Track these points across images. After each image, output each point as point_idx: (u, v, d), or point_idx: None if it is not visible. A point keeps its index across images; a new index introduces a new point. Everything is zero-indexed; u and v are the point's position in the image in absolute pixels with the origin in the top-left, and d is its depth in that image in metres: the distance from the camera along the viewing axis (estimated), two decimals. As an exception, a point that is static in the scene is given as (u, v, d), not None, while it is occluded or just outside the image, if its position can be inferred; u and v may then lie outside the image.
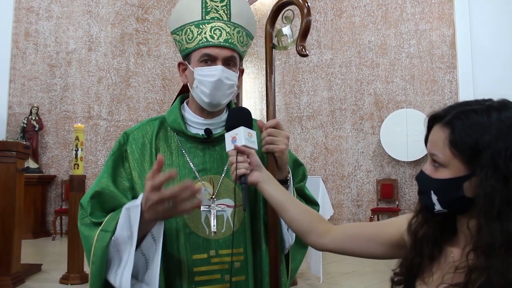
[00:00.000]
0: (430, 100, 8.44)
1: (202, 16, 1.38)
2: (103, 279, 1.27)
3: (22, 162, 5.25)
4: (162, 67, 9.90)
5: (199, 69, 1.37)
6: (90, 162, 9.09)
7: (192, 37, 1.39)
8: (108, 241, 1.25)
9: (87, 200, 1.37)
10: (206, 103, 1.39)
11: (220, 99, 1.39)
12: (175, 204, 1.15)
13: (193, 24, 1.39)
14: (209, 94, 1.37)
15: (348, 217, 8.94)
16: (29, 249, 6.93)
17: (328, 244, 1.18)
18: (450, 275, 0.94)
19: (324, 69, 9.42)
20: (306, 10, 1.38)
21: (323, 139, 9.33)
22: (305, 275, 5.48)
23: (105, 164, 1.42)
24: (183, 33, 1.41)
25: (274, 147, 1.34)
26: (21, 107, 8.95)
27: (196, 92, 1.39)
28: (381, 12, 8.97)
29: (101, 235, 1.28)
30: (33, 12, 9.14)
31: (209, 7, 1.38)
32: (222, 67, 1.36)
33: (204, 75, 1.36)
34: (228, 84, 1.37)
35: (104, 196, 1.36)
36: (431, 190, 0.97)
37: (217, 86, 1.36)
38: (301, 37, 1.39)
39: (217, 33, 1.37)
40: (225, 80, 1.36)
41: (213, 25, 1.38)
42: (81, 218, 1.37)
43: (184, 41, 1.41)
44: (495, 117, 0.90)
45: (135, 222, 1.20)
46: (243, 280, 1.36)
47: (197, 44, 1.38)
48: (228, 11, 1.40)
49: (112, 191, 1.36)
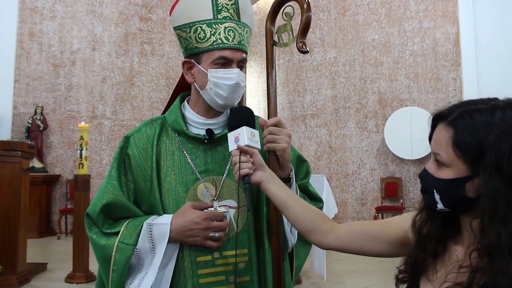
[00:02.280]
0: (434, 98, 8.41)
1: (214, 14, 1.35)
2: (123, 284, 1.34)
3: (27, 162, 5.27)
4: (166, 66, 9.91)
5: (214, 71, 1.35)
6: (95, 162, 9.12)
7: (204, 36, 1.35)
8: (131, 254, 1.31)
9: (97, 213, 1.37)
10: (220, 105, 1.38)
11: (234, 101, 1.39)
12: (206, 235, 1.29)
13: (205, 23, 1.35)
14: (225, 97, 1.35)
15: (352, 216, 8.93)
16: (35, 248, 6.96)
17: (332, 242, 1.18)
18: (454, 274, 0.94)
19: (327, 68, 9.40)
20: (306, 5, 1.37)
21: (327, 138, 9.32)
22: (309, 274, 5.48)
23: (110, 171, 1.41)
24: (191, 31, 1.37)
25: (276, 146, 1.33)
26: (26, 107, 8.99)
27: (209, 94, 1.37)
28: (384, 10, 8.95)
29: (122, 247, 1.32)
30: (37, 12, 9.17)
31: (220, 5, 1.36)
32: (239, 70, 1.35)
33: (220, 77, 1.34)
34: (242, 87, 1.37)
35: (114, 208, 1.38)
36: (433, 189, 0.97)
37: (234, 89, 1.35)
38: (301, 33, 1.38)
39: (231, 34, 1.35)
40: (241, 83, 1.36)
41: (227, 25, 1.35)
42: (89, 227, 1.39)
43: (194, 40, 1.37)
44: (498, 117, 0.89)
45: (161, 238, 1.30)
46: (248, 280, 1.36)
47: (211, 45, 1.34)
48: (237, 10, 1.37)
49: (122, 201, 1.37)
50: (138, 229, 1.31)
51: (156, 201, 1.36)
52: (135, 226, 1.33)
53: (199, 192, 1.38)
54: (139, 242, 1.30)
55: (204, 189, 1.38)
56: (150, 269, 1.29)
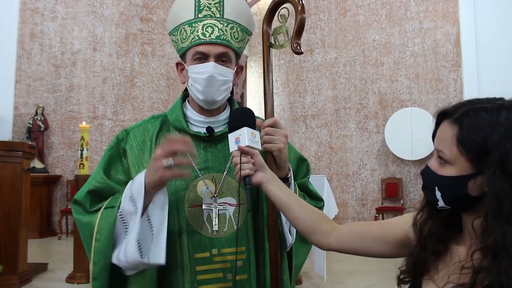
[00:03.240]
0: (434, 98, 8.41)
1: (195, 14, 1.39)
2: (109, 257, 1.28)
3: (28, 162, 5.28)
4: (166, 66, 9.92)
5: (192, 67, 1.38)
6: (95, 162, 9.10)
7: (185, 36, 1.39)
8: (115, 216, 1.27)
9: (83, 195, 1.38)
10: (201, 101, 1.40)
11: (214, 95, 1.38)
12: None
13: (187, 24, 1.39)
14: (202, 91, 1.37)
15: (353, 216, 8.93)
16: (35, 249, 6.97)
17: (333, 243, 1.18)
18: (456, 275, 0.94)
19: (328, 68, 9.40)
20: (300, 7, 1.38)
21: (328, 138, 9.32)
22: (309, 274, 5.48)
23: (101, 160, 1.43)
24: (178, 33, 1.42)
25: (272, 146, 1.34)
26: (27, 107, 9.00)
27: (192, 90, 1.40)
28: (385, 10, 8.95)
29: (106, 212, 1.30)
30: (38, 13, 9.18)
31: (202, 5, 1.39)
32: (214, 63, 1.35)
33: (196, 72, 1.37)
34: (221, 80, 1.37)
35: (101, 191, 1.38)
36: (435, 186, 0.97)
37: (209, 83, 1.36)
38: (296, 34, 1.39)
39: (209, 30, 1.37)
40: (217, 76, 1.36)
41: (205, 22, 1.38)
42: (76, 212, 1.38)
43: (179, 41, 1.42)
44: (504, 117, 0.90)
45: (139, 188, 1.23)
46: (246, 278, 1.37)
47: (190, 42, 1.38)
48: (221, 8, 1.39)
49: (109, 183, 1.38)
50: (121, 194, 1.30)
51: None
52: (119, 193, 1.32)
53: (199, 189, 1.38)
54: (122, 203, 1.27)
55: (203, 186, 1.38)
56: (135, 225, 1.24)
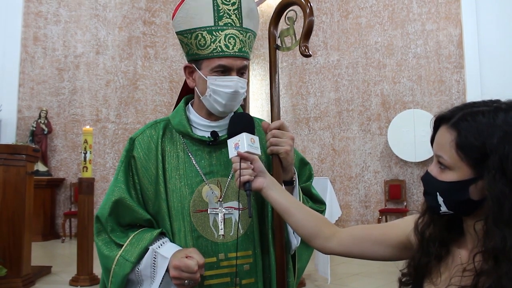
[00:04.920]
0: (437, 100, 8.39)
1: (214, 21, 1.34)
2: None
3: (31, 165, 5.29)
4: (169, 69, 9.94)
5: (213, 78, 1.35)
6: (99, 165, 9.14)
7: (204, 43, 1.35)
8: (129, 271, 1.33)
9: (106, 216, 1.38)
10: (220, 112, 1.40)
11: (234, 108, 1.40)
12: None
13: (205, 30, 1.35)
14: (224, 104, 1.37)
15: (356, 218, 8.91)
16: (39, 252, 6.98)
17: (335, 247, 1.18)
18: (458, 277, 0.94)
19: (330, 70, 9.40)
20: (309, 10, 1.37)
21: (331, 140, 9.31)
22: (313, 277, 5.47)
23: (116, 175, 1.42)
24: (192, 37, 1.37)
25: (279, 149, 1.33)
26: (30, 110, 9.03)
27: (209, 101, 1.38)
28: (387, 12, 8.94)
29: (122, 262, 1.33)
30: (41, 16, 9.23)
31: (222, 11, 1.34)
32: (238, 77, 1.35)
33: (219, 85, 1.35)
34: (242, 93, 1.37)
35: (121, 207, 1.38)
36: (437, 191, 0.96)
37: (233, 97, 1.36)
38: (304, 37, 1.38)
39: (232, 42, 1.34)
40: (240, 90, 1.36)
41: (227, 32, 1.34)
42: (98, 232, 1.40)
43: (194, 46, 1.37)
44: (501, 119, 0.89)
45: (160, 271, 1.31)
46: (253, 282, 1.37)
47: (211, 52, 1.34)
48: (240, 15, 1.36)
49: (128, 202, 1.38)
50: (141, 250, 1.32)
51: (162, 202, 1.37)
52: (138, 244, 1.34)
53: (204, 193, 1.38)
54: (142, 265, 1.33)
55: (209, 191, 1.38)
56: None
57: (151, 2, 9.85)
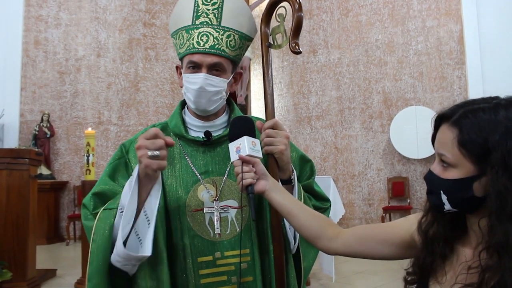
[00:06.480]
0: (439, 97, 8.38)
1: (192, 20, 1.38)
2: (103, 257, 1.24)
3: (34, 169, 5.31)
4: (170, 71, 9.94)
5: (185, 76, 1.39)
6: (102, 167, 9.14)
7: (182, 42, 1.39)
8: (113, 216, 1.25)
9: (89, 198, 1.39)
10: (194, 109, 1.42)
11: (206, 106, 1.39)
12: None
13: (184, 29, 1.39)
14: (193, 101, 1.38)
15: (359, 216, 8.90)
16: (44, 255, 7.00)
17: (339, 248, 1.18)
18: (463, 275, 0.94)
19: (332, 69, 9.39)
20: (297, 5, 1.37)
21: (333, 139, 9.30)
22: (318, 275, 5.47)
23: (106, 168, 1.44)
24: (177, 38, 1.42)
25: (273, 148, 1.33)
26: (33, 114, 9.06)
27: (186, 97, 1.42)
28: (387, 9, 8.93)
29: (104, 213, 1.29)
30: (42, 20, 9.25)
31: (200, 11, 1.37)
32: (205, 74, 1.35)
33: (188, 82, 1.37)
34: (212, 91, 1.36)
35: (106, 193, 1.38)
36: (440, 190, 0.96)
37: (200, 94, 1.36)
38: (294, 34, 1.37)
39: (204, 39, 1.36)
40: (208, 88, 1.35)
41: (201, 30, 1.36)
42: (85, 217, 1.38)
43: (178, 46, 1.42)
44: (502, 115, 0.89)
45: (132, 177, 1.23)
46: (251, 280, 1.36)
47: (185, 50, 1.38)
48: (219, 15, 1.38)
49: (113, 187, 1.38)
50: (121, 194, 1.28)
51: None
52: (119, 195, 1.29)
53: (200, 193, 1.39)
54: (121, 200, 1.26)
55: (204, 190, 1.39)
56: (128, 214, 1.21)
57: (151, 4, 9.86)
